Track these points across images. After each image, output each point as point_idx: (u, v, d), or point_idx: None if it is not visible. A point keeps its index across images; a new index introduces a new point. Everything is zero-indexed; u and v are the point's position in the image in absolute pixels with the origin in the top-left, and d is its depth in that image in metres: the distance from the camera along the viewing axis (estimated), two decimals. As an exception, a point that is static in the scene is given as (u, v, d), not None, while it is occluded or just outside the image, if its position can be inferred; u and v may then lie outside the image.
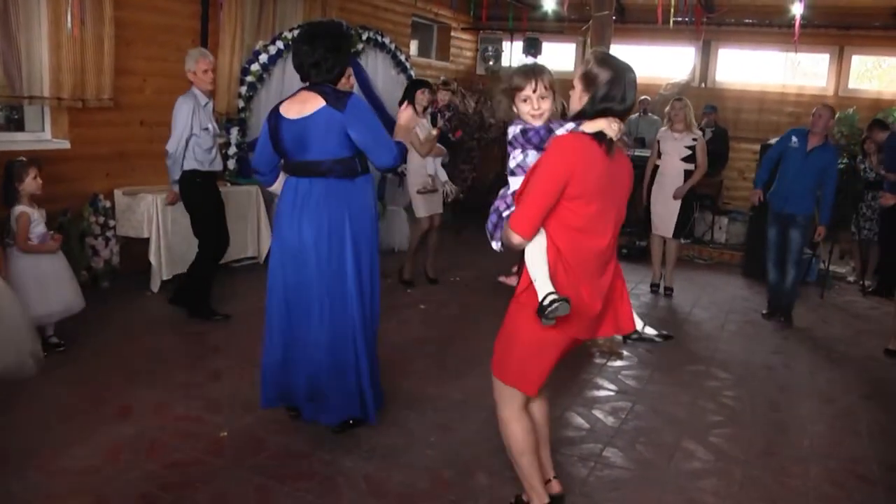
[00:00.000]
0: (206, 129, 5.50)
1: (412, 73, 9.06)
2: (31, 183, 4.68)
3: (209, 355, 5.01)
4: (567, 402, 4.56)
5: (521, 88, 2.82)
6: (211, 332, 5.45)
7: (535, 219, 2.66)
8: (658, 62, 11.91)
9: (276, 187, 3.96)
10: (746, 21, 10.84)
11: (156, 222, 6.20)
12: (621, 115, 2.72)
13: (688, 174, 7.26)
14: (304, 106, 3.64)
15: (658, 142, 7.44)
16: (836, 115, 10.06)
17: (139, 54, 6.55)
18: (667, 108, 7.43)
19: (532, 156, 2.81)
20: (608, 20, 5.55)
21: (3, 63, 5.47)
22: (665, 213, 7.36)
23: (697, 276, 8.03)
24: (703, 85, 11.52)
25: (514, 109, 2.89)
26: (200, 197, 5.60)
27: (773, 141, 8.94)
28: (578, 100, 2.75)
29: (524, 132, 2.84)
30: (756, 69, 11.50)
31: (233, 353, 5.04)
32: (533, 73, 2.83)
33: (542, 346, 2.83)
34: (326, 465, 3.59)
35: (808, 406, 4.89)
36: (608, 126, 2.68)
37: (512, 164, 2.88)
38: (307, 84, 3.76)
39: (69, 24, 5.75)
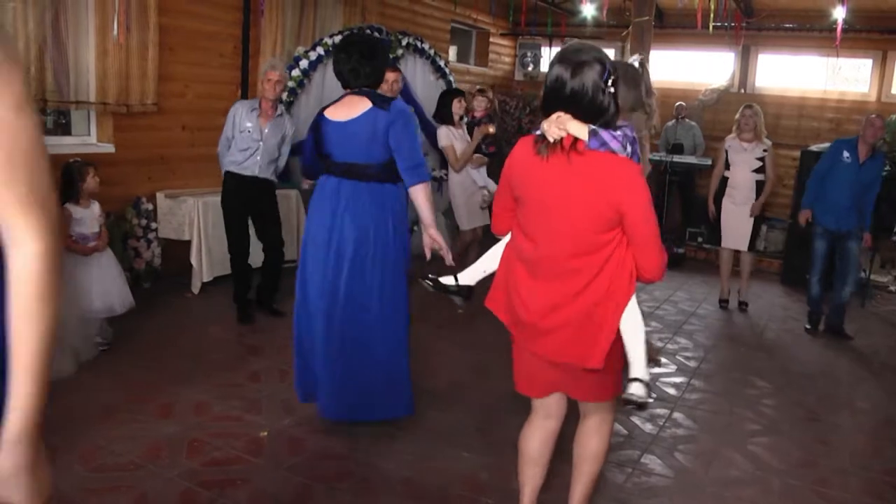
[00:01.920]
0: (242, 131, 5.59)
1: (451, 78, 9.09)
2: (91, 182, 4.83)
3: (248, 356, 5.08)
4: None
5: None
6: (250, 334, 5.52)
7: (495, 216, 2.76)
8: (697, 67, 11.82)
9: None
10: (786, 26, 10.72)
11: (197, 225, 6.29)
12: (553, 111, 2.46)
13: (759, 185, 7.04)
14: (351, 109, 3.77)
15: (726, 151, 7.15)
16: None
17: (182, 60, 6.66)
18: (736, 116, 7.15)
19: None
20: (648, 25, 5.56)
21: (53, 70, 5.60)
22: (738, 225, 7.11)
23: (734, 283, 7.93)
24: (742, 90, 11.40)
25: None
26: (225, 201, 5.74)
27: (813, 147, 8.87)
28: None
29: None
30: (796, 74, 11.37)
31: (272, 355, 5.09)
32: None
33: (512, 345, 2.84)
34: (363, 467, 3.63)
35: (847, 416, 4.83)
36: (546, 125, 2.44)
37: None
38: (350, 90, 3.85)
39: (115, 32, 5.87)
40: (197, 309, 6.03)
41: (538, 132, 2.49)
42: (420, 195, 3.77)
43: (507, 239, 2.77)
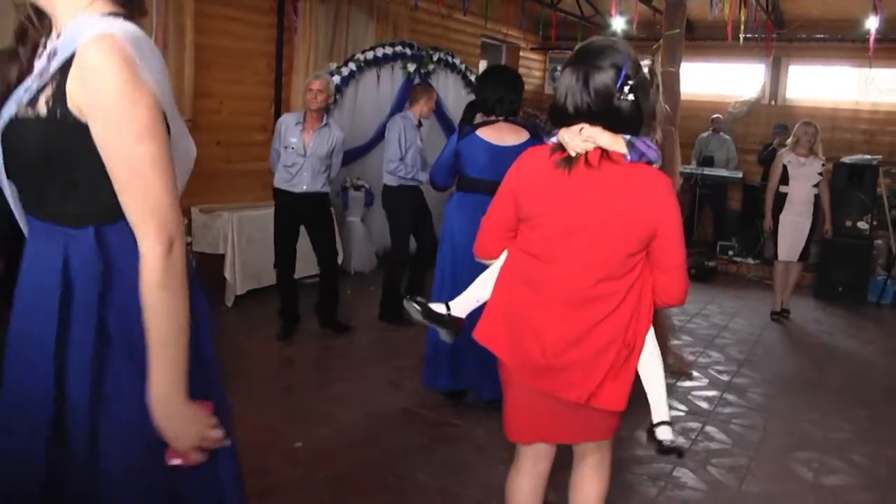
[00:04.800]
0: (286, 147, 5.56)
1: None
2: None
3: (283, 369, 5.14)
4: (636, 422, 4.55)
5: None
6: (285, 347, 5.58)
7: (487, 237, 2.47)
8: (727, 79, 11.79)
9: None
10: (818, 36, 10.66)
11: (231, 239, 6.38)
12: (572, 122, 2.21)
13: (815, 199, 7.17)
14: (512, 135, 4.24)
15: (785, 167, 7.17)
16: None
17: (217, 77, 6.78)
18: (795, 130, 7.23)
19: None
20: (679, 38, 5.55)
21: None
22: (797, 239, 7.18)
23: (768, 296, 7.89)
24: (772, 102, 11.35)
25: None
26: (276, 213, 5.74)
27: (846, 160, 8.81)
28: None
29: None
30: (828, 85, 11.29)
31: (306, 368, 5.16)
32: None
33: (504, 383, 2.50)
34: (400, 479, 3.66)
35: (886, 432, 4.79)
36: (568, 137, 2.20)
37: None
38: (497, 117, 4.33)
39: (153, 50, 5.99)
40: (231, 322, 6.11)
41: (551, 142, 2.27)
42: None
43: (498, 263, 2.45)
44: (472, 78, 9.14)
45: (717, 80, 11.81)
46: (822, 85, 11.34)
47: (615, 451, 4.13)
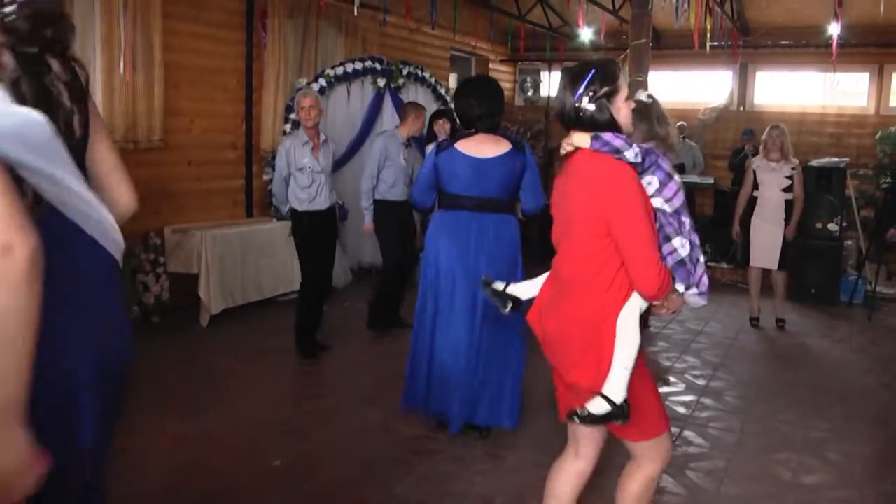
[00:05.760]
0: (301, 168, 5.50)
1: (453, 105, 9.18)
2: None
3: (260, 387, 5.11)
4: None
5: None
6: (258, 366, 5.55)
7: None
8: (695, 87, 11.92)
9: None
10: (783, 43, 10.83)
11: (205, 258, 6.34)
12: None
13: (787, 204, 7.10)
14: (492, 146, 4.10)
15: (754, 172, 7.19)
16: (879, 134, 10.06)
17: (187, 96, 6.76)
18: (763, 136, 7.21)
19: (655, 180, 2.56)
20: (646, 48, 5.62)
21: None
22: (769, 244, 7.15)
23: (742, 300, 7.95)
24: (741, 108, 11.49)
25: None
26: (298, 236, 5.67)
27: (814, 163, 8.92)
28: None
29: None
30: (794, 90, 11.46)
31: (283, 385, 5.13)
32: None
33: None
34: (379, 493, 3.65)
35: (861, 429, 4.83)
36: (563, 144, 2.61)
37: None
38: (478, 130, 4.15)
39: (122, 70, 5.97)
40: (207, 342, 6.07)
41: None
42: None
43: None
44: (443, 91, 9.18)
45: (685, 88, 11.94)
46: (788, 90, 11.51)
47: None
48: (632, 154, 2.41)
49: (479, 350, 4.12)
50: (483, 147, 4.08)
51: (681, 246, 2.51)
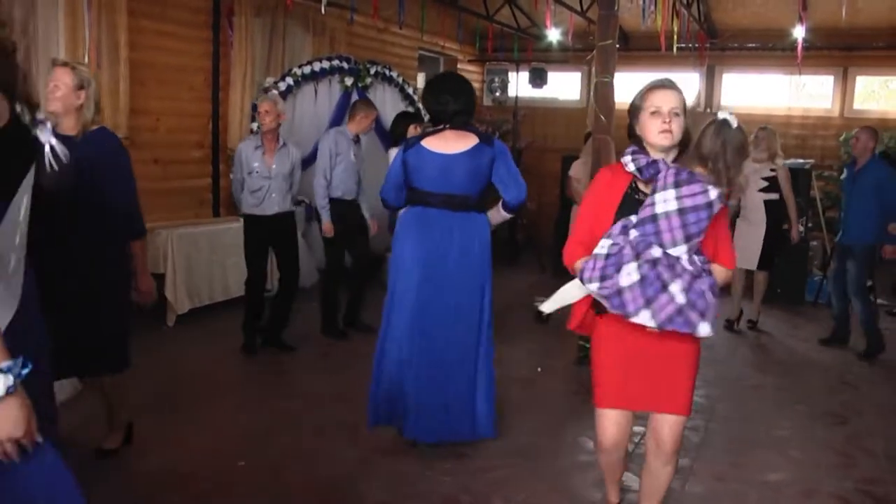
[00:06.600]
0: (250, 172, 5.56)
1: (420, 105, 9.17)
2: None
3: (225, 388, 5.07)
4: (580, 429, 4.59)
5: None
6: (223, 367, 5.52)
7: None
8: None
9: None
10: (749, 45, 10.95)
11: (171, 258, 6.28)
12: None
13: (767, 204, 7.10)
14: (459, 142, 4.04)
15: None
16: (843, 136, 10.18)
17: (153, 94, 6.69)
18: (751, 137, 7.22)
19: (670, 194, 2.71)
20: (612, 49, 5.62)
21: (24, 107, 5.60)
22: (748, 245, 7.12)
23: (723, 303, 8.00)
24: (708, 110, 11.57)
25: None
26: (247, 238, 5.74)
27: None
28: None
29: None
30: (761, 93, 11.59)
31: (249, 385, 5.10)
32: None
33: None
34: (342, 492, 3.64)
35: (823, 426, 4.89)
36: None
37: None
38: (448, 126, 4.10)
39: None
40: (173, 342, 6.00)
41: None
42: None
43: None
44: (410, 91, 9.16)
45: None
46: (755, 92, 11.63)
47: (559, 457, 4.17)
48: (631, 164, 2.79)
49: (439, 357, 4.03)
50: (450, 143, 4.03)
51: (602, 247, 2.76)
